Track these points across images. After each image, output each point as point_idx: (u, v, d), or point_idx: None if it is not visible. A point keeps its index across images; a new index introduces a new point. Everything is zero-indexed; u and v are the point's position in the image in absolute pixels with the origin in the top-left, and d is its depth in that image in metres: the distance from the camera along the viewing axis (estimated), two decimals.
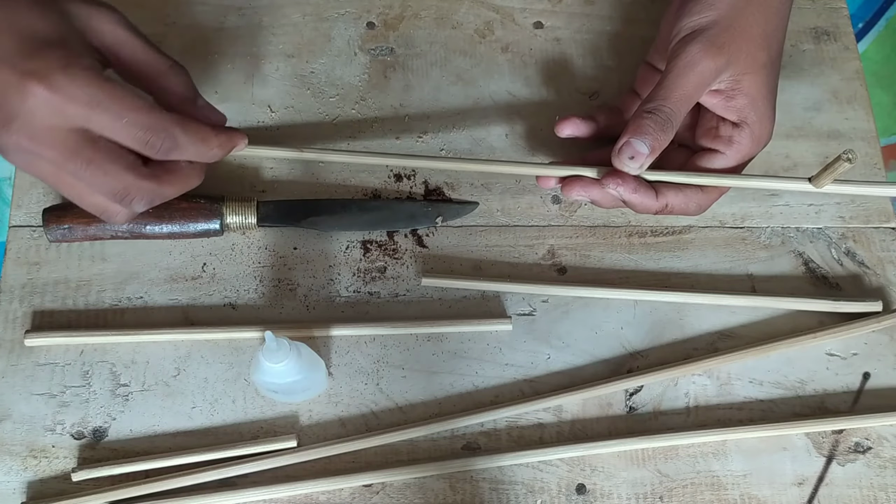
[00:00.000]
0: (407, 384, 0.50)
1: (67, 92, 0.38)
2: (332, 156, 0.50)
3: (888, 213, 0.55)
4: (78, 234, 0.51)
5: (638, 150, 0.45)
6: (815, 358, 0.51)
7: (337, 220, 0.53)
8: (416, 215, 0.54)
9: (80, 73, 0.38)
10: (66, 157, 0.39)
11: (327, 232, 0.53)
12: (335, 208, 0.53)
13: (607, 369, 0.51)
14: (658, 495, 0.48)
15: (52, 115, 0.38)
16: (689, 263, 0.54)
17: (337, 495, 0.47)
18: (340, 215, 0.53)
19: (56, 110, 0.38)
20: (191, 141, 0.42)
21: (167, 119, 0.40)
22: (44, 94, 0.38)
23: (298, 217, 0.52)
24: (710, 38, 0.46)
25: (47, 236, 0.50)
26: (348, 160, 0.49)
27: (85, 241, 0.51)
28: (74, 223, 0.50)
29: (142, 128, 0.40)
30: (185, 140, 0.41)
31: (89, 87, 0.38)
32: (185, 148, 0.42)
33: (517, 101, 0.57)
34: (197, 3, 0.59)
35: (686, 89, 0.46)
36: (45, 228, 0.50)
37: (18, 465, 0.47)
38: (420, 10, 0.60)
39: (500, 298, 0.52)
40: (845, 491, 0.48)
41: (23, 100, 0.38)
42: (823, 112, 0.58)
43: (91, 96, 0.38)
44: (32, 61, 0.38)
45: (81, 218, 0.50)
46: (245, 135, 0.46)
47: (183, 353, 0.50)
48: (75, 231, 0.50)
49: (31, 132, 0.38)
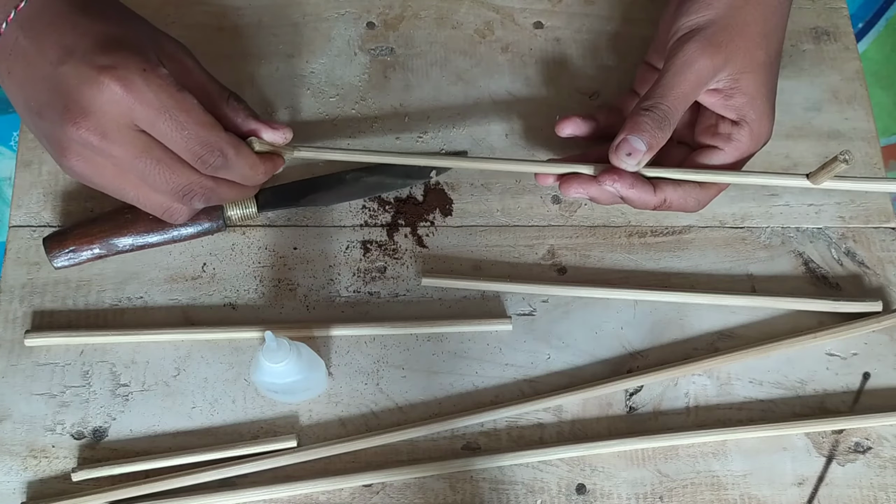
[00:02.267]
0: (407, 384, 0.50)
1: (141, 93, 0.39)
2: (330, 154, 0.50)
3: (888, 213, 0.55)
4: (84, 256, 0.50)
5: (635, 146, 0.45)
6: (815, 358, 0.51)
7: (335, 193, 0.53)
8: (410, 173, 0.54)
9: (154, 79, 0.39)
10: (135, 155, 0.41)
11: (328, 206, 0.53)
12: (331, 182, 0.54)
13: (607, 369, 0.51)
14: (658, 495, 0.48)
15: (123, 114, 0.39)
16: (689, 263, 0.54)
17: (337, 495, 0.47)
18: (338, 188, 0.53)
19: (127, 109, 0.39)
20: (241, 164, 0.44)
21: (224, 139, 0.42)
22: (119, 91, 0.39)
23: (297, 197, 0.53)
24: (707, 37, 0.46)
25: (53, 264, 0.50)
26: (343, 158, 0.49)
27: (92, 261, 0.51)
28: (78, 244, 0.50)
29: (199, 142, 0.41)
30: (236, 162, 0.43)
31: (162, 93, 0.40)
32: (233, 169, 0.44)
33: (517, 101, 0.57)
34: (197, 3, 0.59)
35: (684, 87, 0.46)
36: (48, 256, 0.50)
37: (18, 465, 0.47)
38: (420, 10, 0.60)
39: (500, 298, 0.52)
40: (845, 491, 0.48)
41: (97, 95, 0.39)
42: (823, 112, 0.58)
43: (162, 102, 0.40)
44: (111, 58, 0.39)
45: (84, 238, 0.50)
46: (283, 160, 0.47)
47: (183, 353, 0.50)
48: (80, 252, 0.50)
49: (102, 129, 0.39)
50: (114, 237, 0.50)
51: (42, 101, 0.40)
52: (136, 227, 0.50)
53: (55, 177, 0.54)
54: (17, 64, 0.41)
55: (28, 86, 0.41)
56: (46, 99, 0.40)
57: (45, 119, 0.41)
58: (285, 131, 0.46)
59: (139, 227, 0.50)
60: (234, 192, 0.46)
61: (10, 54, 0.41)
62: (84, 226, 0.50)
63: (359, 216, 0.54)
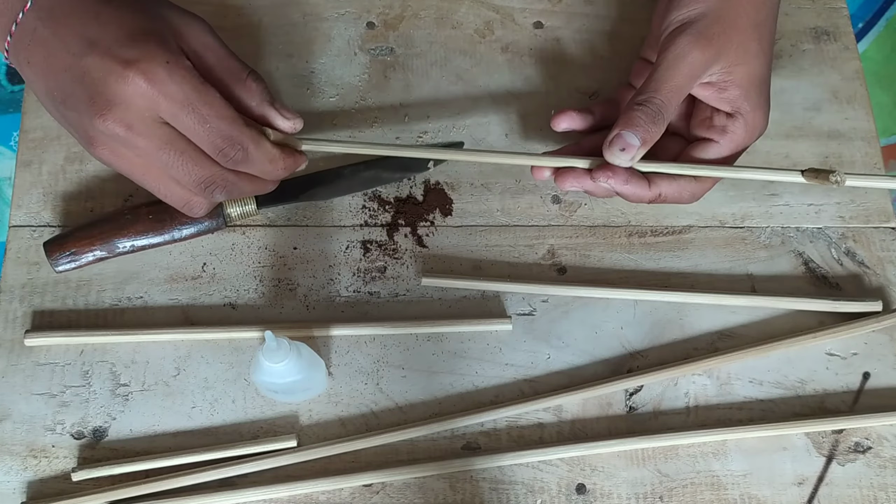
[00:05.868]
0: (407, 384, 0.50)
1: (165, 86, 0.39)
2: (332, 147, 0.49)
3: (888, 212, 0.55)
4: (85, 258, 0.50)
5: (629, 142, 0.45)
6: (815, 358, 0.51)
7: (334, 187, 0.53)
8: (408, 165, 0.54)
9: (178, 71, 0.40)
10: (160, 147, 0.41)
11: (327, 200, 0.53)
12: (330, 177, 0.54)
13: (607, 369, 0.51)
14: (658, 495, 0.48)
15: (148, 107, 0.39)
16: (689, 263, 0.54)
17: (337, 495, 0.47)
18: (336, 182, 0.53)
19: (152, 102, 0.39)
20: (260, 159, 0.44)
21: (245, 134, 0.42)
22: (143, 84, 0.39)
23: (296, 192, 0.53)
24: (699, 30, 0.46)
25: (54, 269, 0.50)
26: (344, 150, 0.49)
27: (93, 263, 0.51)
28: (78, 247, 0.50)
29: (221, 136, 0.41)
30: (256, 156, 0.43)
31: (185, 86, 0.40)
32: (253, 163, 0.44)
33: (517, 101, 0.57)
34: (197, 3, 0.59)
35: (677, 81, 0.46)
36: (49, 260, 0.50)
37: (18, 464, 0.47)
38: (420, 10, 0.60)
39: (500, 298, 0.52)
40: (845, 491, 0.48)
41: (122, 88, 0.39)
42: (823, 112, 0.58)
43: (186, 95, 0.40)
44: (135, 50, 0.39)
45: (84, 240, 0.50)
46: (306, 157, 0.47)
47: (183, 353, 0.50)
48: (81, 255, 0.50)
49: (128, 121, 0.40)
50: (114, 239, 0.50)
51: (66, 92, 0.40)
52: (136, 228, 0.50)
53: (55, 177, 0.54)
54: (38, 53, 0.41)
55: (50, 76, 0.41)
56: (70, 90, 0.40)
57: (69, 109, 0.41)
58: (295, 121, 0.46)
59: (139, 228, 0.50)
60: (254, 186, 0.46)
61: (30, 43, 0.41)
62: (84, 228, 0.50)
63: (359, 216, 0.54)
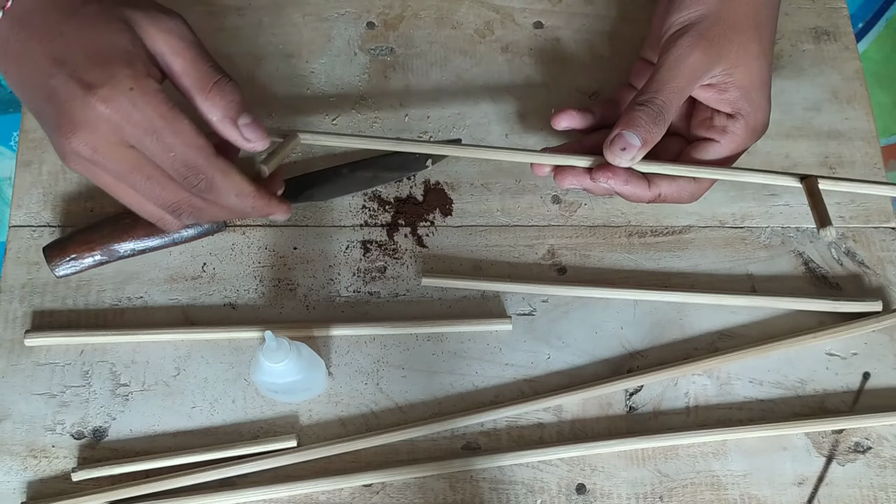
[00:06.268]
0: (407, 384, 0.50)
1: (128, 114, 0.38)
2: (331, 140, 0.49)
3: (888, 212, 0.55)
4: (86, 263, 0.50)
5: (629, 142, 0.45)
6: (815, 358, 0.51)
7: (332, 187, 0.53)
8: (406, 164, 0.54)
9: (143, 98, 0.39)
10: (126, 171, 0.40)
11: (326, 200, 0.53)
12: (328, 176, 0.54)
13: (607, 369, 0.51)
14: (658, 495, 0.48)
15: (112, 132, 0.39)
16: (689, 263, 0.54)
17: (337, 495, 0.47)
18: (334, 182, 0.53)
19: (115, 127, 0.39)
20: (227, 191, 0.42)
21: (212, 165, 0.41)
22: (105, 112, 0.38)
23: (294, 193, 0.53)
24: (700, 32, 0.46)
25: (55, 273, 0.50)
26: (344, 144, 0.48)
27: (94, 268, 0.51)
28: (79, 252, 0.50)
29: (185, 165, 0.40)
30: (223, 187, 0.42)
31: (150, 112, 0.39)
32: (219, 194, 0.42)
33: (517, 101, 0.57)
34: (197, 3, 0.59)
35: (678, 82, 0.46)
36: (50, 265, 0.50)
37: (18, 464, 0.47)
38: (420, 10, 0.60)
39: (500, 298, 0.52)
40: (845, 491, 0.48)
41: (86, 113, 0.38)
42: (823, 112, 0.58)
43: (150, 122, 0.39)
44: (98, 74, 0.38)
45: (84, 245, 0.50)
46: (288, 209, 0.46)
47: (183, 353, 0.50)
48: (82, 260, 0.50)
49: (94, 144, 0.39)
50: (115, 243, 0.50)
51: (38, 107, 0.40)
52: (136, 232, 0.50)
53: (55, 177, 0.54)
54: (11, 66, 0.40)
55: (25, 88, 0.41)
56: (41, 107, 0.40)
57: (43, 123, 0.41)
58: (258, 143, 0.44)
59: (139, 232, 0.50)
60: (223, 214, 0.45)
61: (4, 56, 0.41)
62: (84, 232, 0.50)
63: (359, 216, 0.54)
